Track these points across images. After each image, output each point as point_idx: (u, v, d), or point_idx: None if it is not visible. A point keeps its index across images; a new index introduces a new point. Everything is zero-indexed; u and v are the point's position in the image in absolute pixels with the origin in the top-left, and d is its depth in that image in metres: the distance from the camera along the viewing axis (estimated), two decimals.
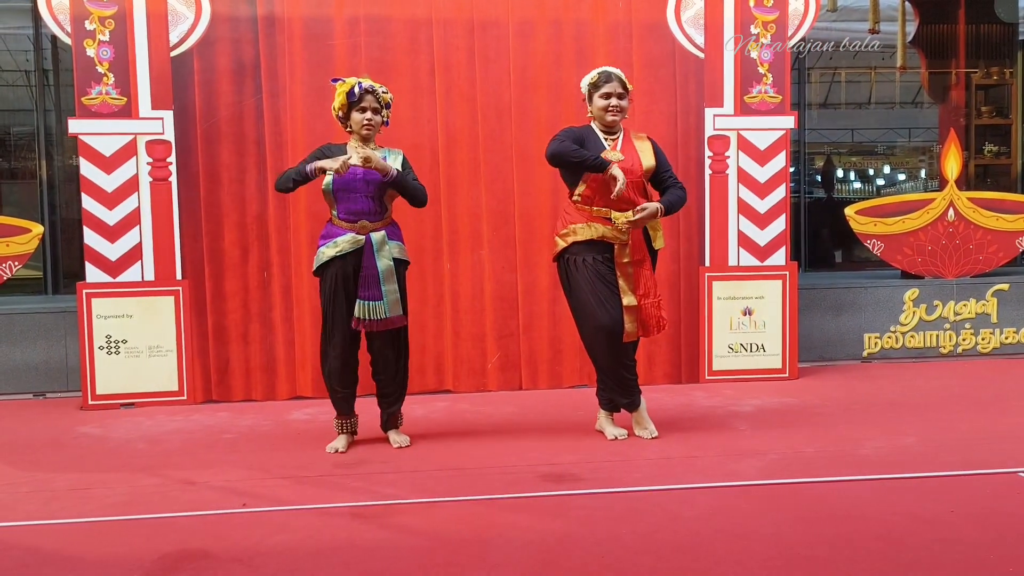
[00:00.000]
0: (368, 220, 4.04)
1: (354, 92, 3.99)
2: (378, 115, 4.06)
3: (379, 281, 4.01)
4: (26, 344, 5.49)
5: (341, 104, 4.02)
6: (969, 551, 2.80)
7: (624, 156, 4.10)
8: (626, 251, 4.10)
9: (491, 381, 5.47)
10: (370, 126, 4.03)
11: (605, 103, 4.11)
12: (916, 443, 4.08)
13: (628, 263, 4.11)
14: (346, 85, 4.01)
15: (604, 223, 4.09)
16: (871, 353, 6.17)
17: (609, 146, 4.14)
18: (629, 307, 4.11)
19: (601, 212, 4.09)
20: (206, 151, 5.24)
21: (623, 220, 4.04)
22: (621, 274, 4.12)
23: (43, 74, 6.86)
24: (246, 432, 4.57)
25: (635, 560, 2.78)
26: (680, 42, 5.51)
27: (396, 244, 4.13)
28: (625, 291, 4.11)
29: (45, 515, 3.31)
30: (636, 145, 4.19)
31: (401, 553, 2.87)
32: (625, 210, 4.07)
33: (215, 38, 5.22)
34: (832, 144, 9.99)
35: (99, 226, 5.14)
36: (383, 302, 4.02)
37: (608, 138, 4.17)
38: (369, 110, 4.02)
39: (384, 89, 4.11)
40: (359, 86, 4.00)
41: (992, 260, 6.32)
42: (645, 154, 4.16)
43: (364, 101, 4.01)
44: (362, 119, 4.01)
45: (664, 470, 3.75)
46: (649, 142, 4.24)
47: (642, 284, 4.14)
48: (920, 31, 7.94)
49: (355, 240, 4.02)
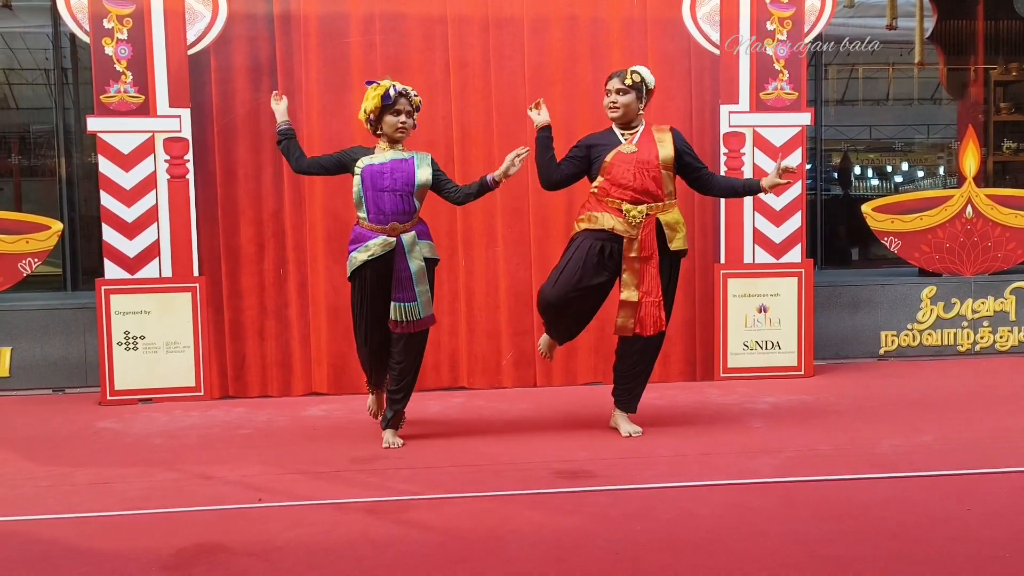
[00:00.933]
0: (398, 221, 4.04)
1: (389, 95, 3.97)
2: (411, 118, 4.07)
3: (412, 282, 4.03)
4: (45, 340, 5.54)
5: (375, 107, 3.99)
6: (985, 550, 2.79)
7: (639, 148, 4.17)
8: (634, 246, 4.14)
9: (506, 378, 5.48)
10: (403, 129, 4.04)
11: (606, 100, 4.25)
12: (933, 441, 4.06)
13: (635, 258, 4.16)
14: (381, 88, 3.98)
15: (616, 214, 4.14)
16: (888, 351, 6.14)
17: (625, 140, 4.21)
18: (628, 302, 4.19)
19: (614, 204, 4.15)
20: (223, 149, 5.27)
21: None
22: (627, 268, 4.17)
23: (62, 72, 6.92)
24: (262, 428, 4.60)
25: (649, 557, 2.78)
26: (695, 38, 5.50)
27: (427, 243, 4.15)
28: (628, 285, 4.17)
29: (65, 509, 3.34)
30: (656, 136, 4.23)
31: (415, 548, 2.88)
32: (640, 202, 4.13)
33: (232, 36, 5.24)
34: (849, 141, 9.94)
35: (117, 223, 5.19)
36: (417, 303, 4.05)
37: (625, 133, 4.24)
38: (403, 113, 4.02)
39: (415, 92, 4.11)
40: (394, 88, 3.99)
41: (1011, 257, 6.27)
42: (663, 145, 4.19)
43: (398, 104, 4.00)
44: (396, 122, 4.01)
45: (679, 467, 3.74)
46: (670, 133, 4.27)
47: (646, 281, 4.18)
48: (938, 27, 7.88)
49: (386, 243, 4.02)
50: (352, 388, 5.35)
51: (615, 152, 4.17)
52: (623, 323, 4.23)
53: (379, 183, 4.01)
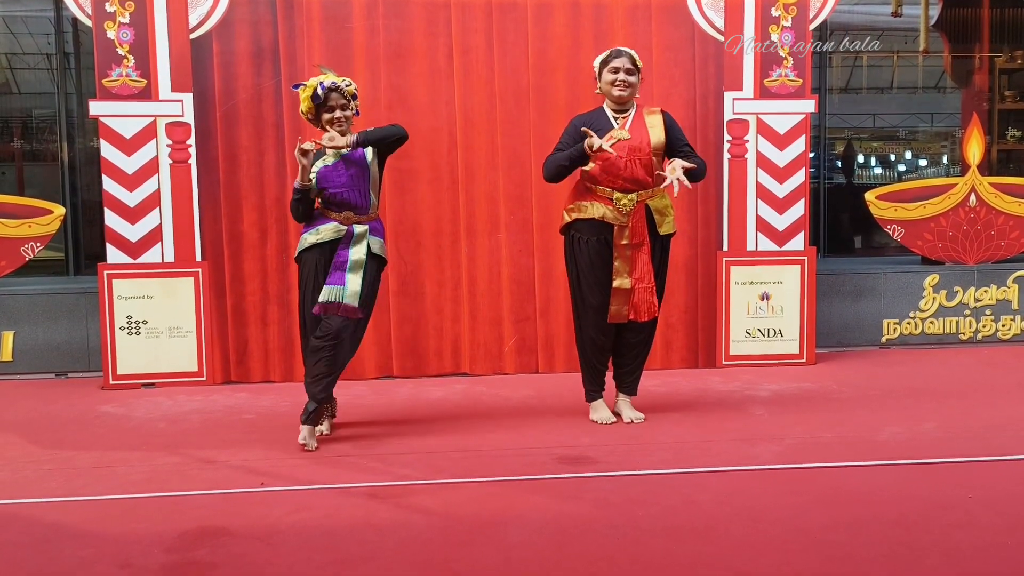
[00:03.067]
0: (353, 212, 4.03)
1: (317, 94, 3.95)
2: (346, 110, 4.01)
3: (346, 268, 3.96)
4: (48, 324, 5.55)
5: (308, 108, 4.00)
6: (986, 536, 2.79)
7: (631, 135, 4.10)
8: (625, 233, 4.12)
9: (508, 364, 5.48)
10: (340, 123, 3.99)
11: (613, 77, 4.10)
12: (934, 429, 4.07)
13: (627, 245, 4.14)
14: (308, 89, 3.97)
15: (606, 203, 4.12)
16: (890, 339, 6.13)
17: (618, 124, 4.14)
18: (620, 289, 4.16)
19: (605, 192, 4.13)
20: (225, 134, 5.26)
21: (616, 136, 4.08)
22: (618, 255, 4.14)
23: (64, 57, 6.90)
24: (264, 413, 4.60)
25: (651, 543, 2.79)
26: (699, 25, 5.47)
27: (377, 240, 4.08)
28: (620, 273, 4.15)
29: (68, 492, 3.35)
30: (647, 120, 4.16)
31: (417, 533, 2.89)
32: (630, 190, 4.11)
33: (234, 20, 5.22)
34: (853, 129, 9.90)
35: (120, 208, 5.18)
36: (344, 288, 3.93)
37: (618, 116, 4.17)
38: (336, 108, 3.97)
39: (347, 82, 4.03)
40: (321, 87, 3.95)
41: (1014, 246, 6.26)
42: (655, 129, 4.13)
43: (330, 100, 3.97)
44: (330, 118, 3.98)
45: (680, 454, 3.75)
46: (660, 116, 4.19)
47: (638, 268, 4.17)
48: (943, 14, 7.83)
49: (337, 229, 4.01)
50: (353, 374, 5.33)
51: (608, 137, 4.08)
52: (616, 310, 4.20)
53: (335, 179, 3.99)
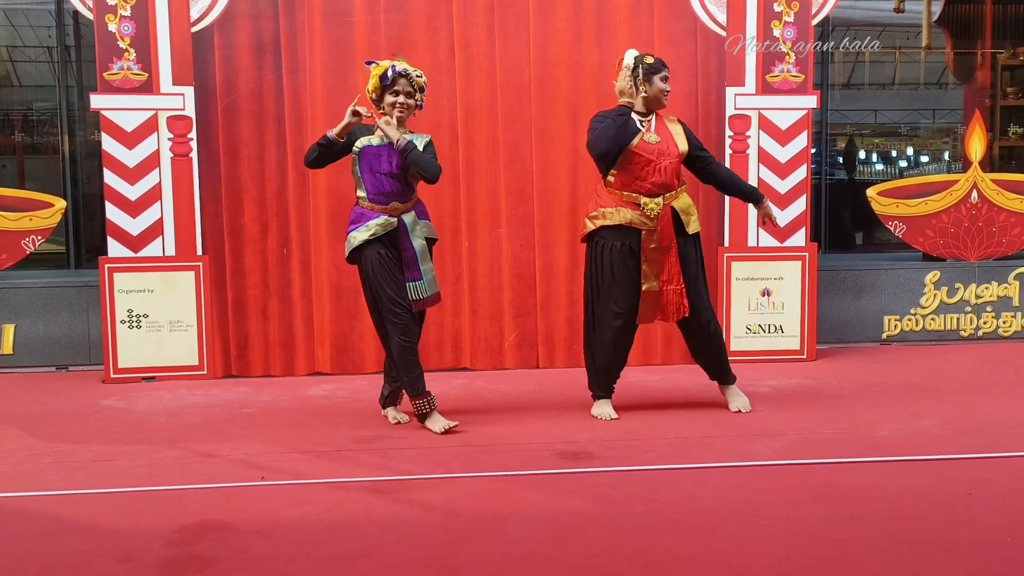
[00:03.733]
0: (399, 202, 4.03)
1: (387, 75, 3.96)
2: (411, 99, 4.02)
3: (418, 262, 4.03)
4: (49, 318, 5.55)
5: (375, 87, 4.00)
6: (986, 533, 2.79)
7: (660, 138, 4.15)
8: (653, 237, 4.14)
9: (508, 359, 5.49)
10: (403, 108, 4.00)
11: (664, 87, 4.15)
12: (934, 426, 4.07)
13: (654, 249, 4.15)
14: (380, 68, 3.98)
15: (633, 208, 4.13)
16: (891, 335, 6.13)
17: (644, 127, 4.16)
18: (649, 292, 4.17)
19: (631, 198, 4.14)
20: (226, 127, 5.26)
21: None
22: (646, 259, 4.16)
23: (65, 50, 6.89)
24: (265, 407, 4.61)
25: (650, 537, 2.79)
26: (701, 19, 5.46)
27: (426, 223, 4.14)
28: (648, 276, 4.17)
29: (68, 485, 3.36)
30: (670, 128, 4.23)
31: (417, 527, 2.90)
32: (657, 194, 4.13)
33: (235, 14, 5.22)
34: (855, 125, 9.89)
35: (121, 201, 5.18)
36: (423, 282, 4.03)
37: (642, 120, 4.19)
38: (402, 93, 3.98)
39: (419, 73, 4.05)
40: (392, 69, 3.96)
41: (1015, 243, 6.25)
42: (679, 137, 4.21)
43: (397, 84, 3.97)
44: (394, 102, 3.98)
45: (680, 449, 3.75)
46: (680, 125, 4.29)
47: (666, 270, 4.17)
48: (946, 10, 7.82)
49: (387, 223, 3.99)
50: (354, 368, 5.36)
51: (638, 140, 4.10)
52: (645, 312, 4.21)
53: (376, 165, 3.99)
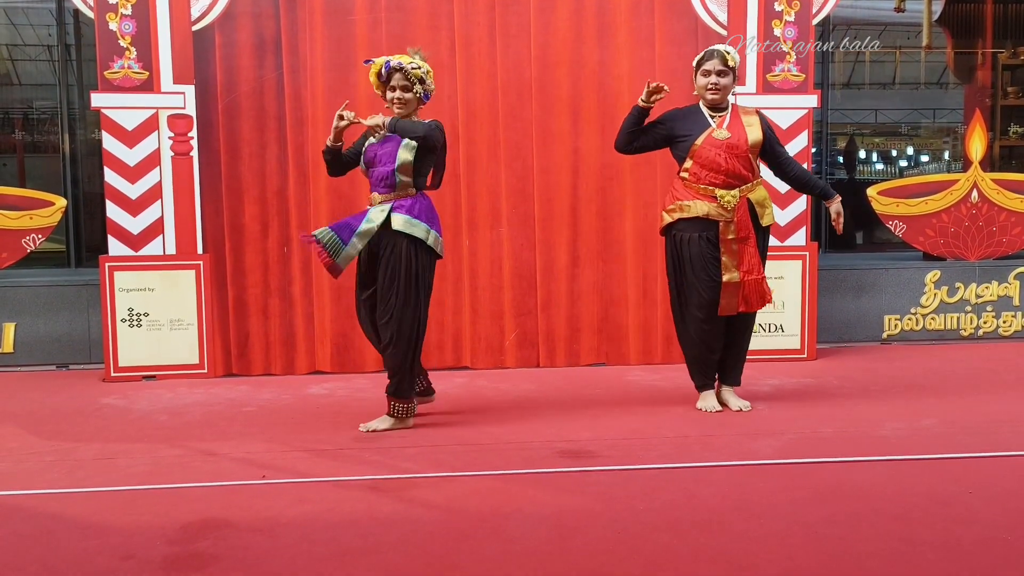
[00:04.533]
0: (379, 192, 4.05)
1: (382, 73, 4.02)
2: (408, 92, 4.03)
3: (353, 231, 3.96)
4: (49, 316, 5.55)
5: (376, 84, 4.08)
6: (987, 532, 2.79)
7: (731, 133, 4.16)
8: (731, 228, 4.17)
9: (509, 358, 5.49)
10: (400, 103, 4.03)
11: (705, 81, 4.17)
12: (935, 425, 4.07)
13: (733, 240, 4.18)
14: (376, 66, 4.04)
15: (710, 200, 4.15)
16: (891, 335, 6.14)
17: (716, 123, 4.19)
18: (730, 283, 4.19)
19: (707, 190, 4.16)
20: (227, 126, 5.26)
21: None
22: (725, 251, 4.19)
23: (66, 48, 6.89)
24: (265, 405, 4.61)
25: (652, 536, 2.79)
26: (702, 19, 5.46)
27: (403, 218, 3.98)
28: (728, 267, 4.19)
29: (70, 483, 3.36)
30: (744, 120, 4.23)
31: (418, 526, 2.90)
32: (733, 186, 4.15)
33: (236, 13, 5.22)
34: (855, 124, 9.90)
35: (121, 200, 5.18)
36: (345, 248, 3.95)
37: (715, 115, 4.22)
38: (398, 88, 4.01)
39: (415, 64, 4.04)
40: (386, 66, 4.01)
41: (1015, 242, 6.26)
42: (752, 128, 4.20)
43: (392, 80, 4.02)
44: (392, 97, 4.04)
45: (681, 448, 3.75)
46: (757, 116, 4.27)
47: (746, 261, 4.19)
48: (946, 10, 7.83)
49: (383, 210, 4.00)
50: (355, 367, 5.36)
51: (706, 136, 4.15)
52: (727, 303, 4.22)
53: (371, 159, 4.05)
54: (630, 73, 5.36)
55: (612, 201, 5.48)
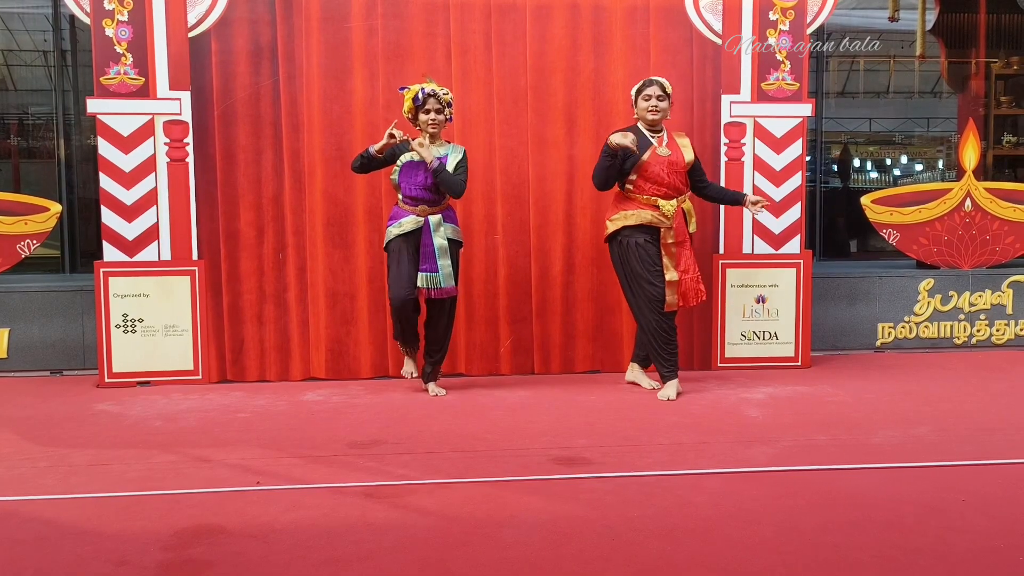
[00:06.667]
0: (427, 206, 4.73)
1: (418, 97, 4.64)
2: (441, 114, 4.69)
3: (435, 256, 4.71)
4: (43, 322, 5.54)
5: (409, 108, 4.69)
6: (980, 540, 2.80)
7: (671, 151, 4.81)
8: (670, 233, 4.78)
9: (504, 365, 5.49)
10: (435, 124, 4.69)
11: (646, 104, 4.80)
12: (928, 432, 4.08)
13: (672, 243, 4.79)
14: (411, 92, 4.66)
15: (652, 209, 4.77)
16: (884, 343, 6.16)
17: (656, 142, 4.81)
18: (671, 282, 4.78)
19: (650, 200, 4.77)
20: (223, 132, 5.26)
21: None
22: (666, 253, 4.79)
23: (61, 54, 6.89)
24: (260, 412, 4.61)
25: (646, 543, 2.80)
26: (697, 27, 5.49)
27: (451, 226, 4.83)
28: (668, 268, 4.79)
29: (64, 489, 3.35)
30: (678, 142, 4.89)
31: (413, 532, 2.90)
32: (672, 197, 4.79)
33: (233, 19, 5.23)
34: (849, 133, 9.94)
35: (116, 206, 5.18)
36: (439, 274, 4.73)
37: (654, 135, 4.84)
38: (433, 111, 4.66)
39: (445, 91, 4.71)
40: (422, 91, 4.63)
41: (1008, 251, 6.29)
42: (686, 149, 4.88)
43: (428, 104, 4.65)
44: (427, 119, 4.67)
45: (675, 455, 3.76)
46: (687, 139, 4.95)
47: (683, 261, 4.83)
48: (940, 20, 7.87)
49: (416, 221, 4.72)
50: (350, 373, 5.36)
51: (650, 152, 4.76)
52: (670, 300, 4.79)
53: (414, 176, 4.70)
54: (625, 81, 5.38)
55: (607, 208, 5.47)
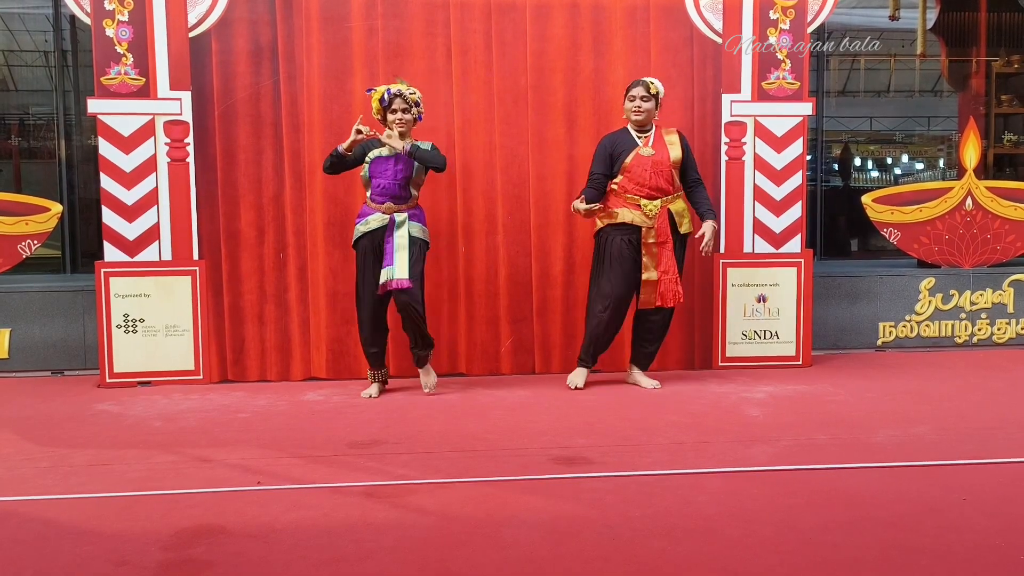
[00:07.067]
0: (393, 203, 4.75)
1: (384, 98, 4.70)
2: (408, 114, 4.72)
3: (394, 251, 4.67)
4: (44, 322, 5.55)
5: (377, 109, 4.74)
6: (980, 539, 2.80)
7: (655, 151, 4.87)
8: (652, 233, 4.86)
9: (504, 365, 5.49)
10: (402, 124, 4.71)
11: (631, 105, 4.88)
12: (929, 432, 4.08)
13: (653, 243, 4.87)
14: (377, 93, 4.72)
15: (635, 209, 4.85)
16: (885, 342, 6.15)
17: (642, 142, 4.88)
18: (649, 280, 4.89)
19: (633, 200, 4.85)
20: (223, 132, 5.26)
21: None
22: (646, 252, 4.87)
23: (62, 54, 6.90)
24: (261, 412, 4.61)
25: (646, 542, 2.80)
26: (698, 27, 5.48)
27: (417, 225, 4.80)
28: (648, 267, 4.88)
29: (64, 490, 3.35)
30: (666, 139, 4.92)
31: (413, 532, 2.90)
32: (655, 197, 4.86)
33: (233, 19, 5.23)
34: (850, 132, 9.93)
35: (117, 206, 5.18)
36: (393, 267, 4.66)
37: (640, 135, 4.91)
38: (399, 111, 4.70)
39: (412, 91, 4.76)
40: (388, 92, 4.69)
41: (1009, 250, 6.28)
42: (673, 147, 4.91)
43: (394, 104, 4.69)
44: (394, 119, 4.70)
45: (676, 455, 3.76)
46: (678, 136, 4.96)
47: (663, 262, 4.88)
48: (941, 18, 7.86)
49: (382, 219, 4.74)
50: (350, 373, 5.36)
51: (634, 154, 4.85)
52: (646, 298, 4.92)
53: (382, 172, 4.73)
54: (625, 80, 5.36)
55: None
